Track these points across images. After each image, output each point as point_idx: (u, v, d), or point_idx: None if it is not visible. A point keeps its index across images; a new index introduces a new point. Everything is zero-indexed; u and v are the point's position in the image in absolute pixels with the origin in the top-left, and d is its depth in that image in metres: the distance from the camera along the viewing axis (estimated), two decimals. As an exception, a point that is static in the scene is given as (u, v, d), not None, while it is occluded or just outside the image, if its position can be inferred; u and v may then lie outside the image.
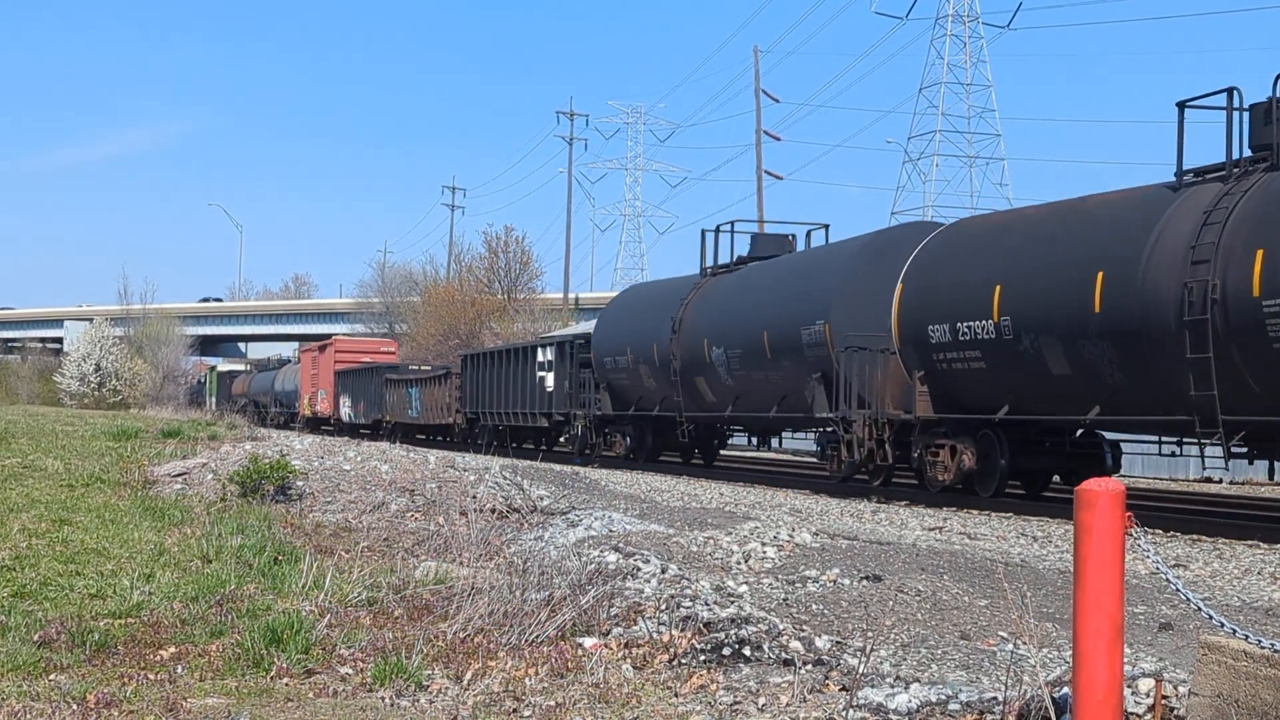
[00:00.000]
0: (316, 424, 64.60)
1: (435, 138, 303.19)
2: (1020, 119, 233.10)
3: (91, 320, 79.51)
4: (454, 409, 44.77)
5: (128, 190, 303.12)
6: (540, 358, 37.21)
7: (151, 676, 6.80)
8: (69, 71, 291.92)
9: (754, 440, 34.29)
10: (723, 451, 34.74)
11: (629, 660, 7.21)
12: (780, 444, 38.91)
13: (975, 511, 18.39)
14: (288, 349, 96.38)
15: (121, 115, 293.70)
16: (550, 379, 36.14)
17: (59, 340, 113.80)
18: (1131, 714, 5.58)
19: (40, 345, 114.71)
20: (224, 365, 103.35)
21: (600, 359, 32.83)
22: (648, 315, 30.86)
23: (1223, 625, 5.27)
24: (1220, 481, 27.29)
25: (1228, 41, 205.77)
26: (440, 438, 48.70)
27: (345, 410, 59.47)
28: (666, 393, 29.52)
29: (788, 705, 6.23)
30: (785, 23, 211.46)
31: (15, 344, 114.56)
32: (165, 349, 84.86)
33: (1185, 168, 16.43)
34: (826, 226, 28.85)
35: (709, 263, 30.09)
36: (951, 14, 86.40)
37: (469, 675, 6.83)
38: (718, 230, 30.53)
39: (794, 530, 12.49)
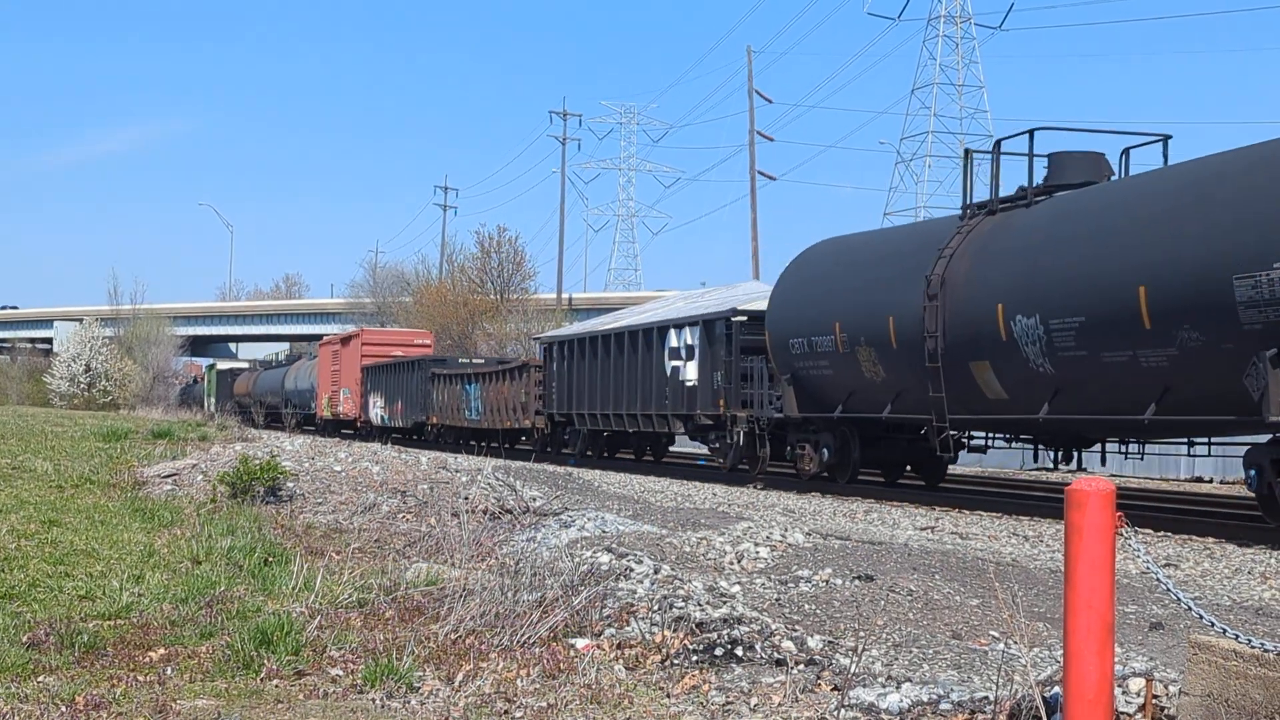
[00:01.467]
0: (336, 427, 58.73)
1: (427, 137, 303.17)
2: (1012, 120, 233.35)
3: (81, 321, 79.38)
4: (532, 409, 36.36)
5: (118, 190, 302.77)
6: (674, 341, 28.42)
7: (141, 678, 6.78)
8: (58, 72, 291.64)
9: (1054, 456, 20.86)
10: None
11: (621, 661, 7.20)
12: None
13: (967, 511, 18.41)
14: (279, 349, 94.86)
15: (111, 115, 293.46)
16: (691, 369, 27.49)
17: (49, 341, 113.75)
18: (1122, 713, 5.58)
19: (30, 346, 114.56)
20: (224, 363, 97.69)
21: (782, 341, 23.52)
22: (872, 276, 21.72)
23: (1213, 625, 5.27)
24: (1211, 481, 27.32)
25: (1220, 42, 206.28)
26: (508, 445, 40.09)
27: (376, 411, 51.81)
28: (908, 386, 20.28)
29: (780, 705, 6.23)
30: (778, 23, 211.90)
31: (5, 344, 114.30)
32: (155, 349, 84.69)
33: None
34: (1166, 138, 19.11)
35: (975, 198, 20.73)
36: (944, 15, 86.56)
37: (460, 676, 6.82)
38: (997, 148, 19.97)
39: (786, 530, 12.48)
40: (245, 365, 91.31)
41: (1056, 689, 5.62)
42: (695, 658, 7.09)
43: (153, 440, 25.75)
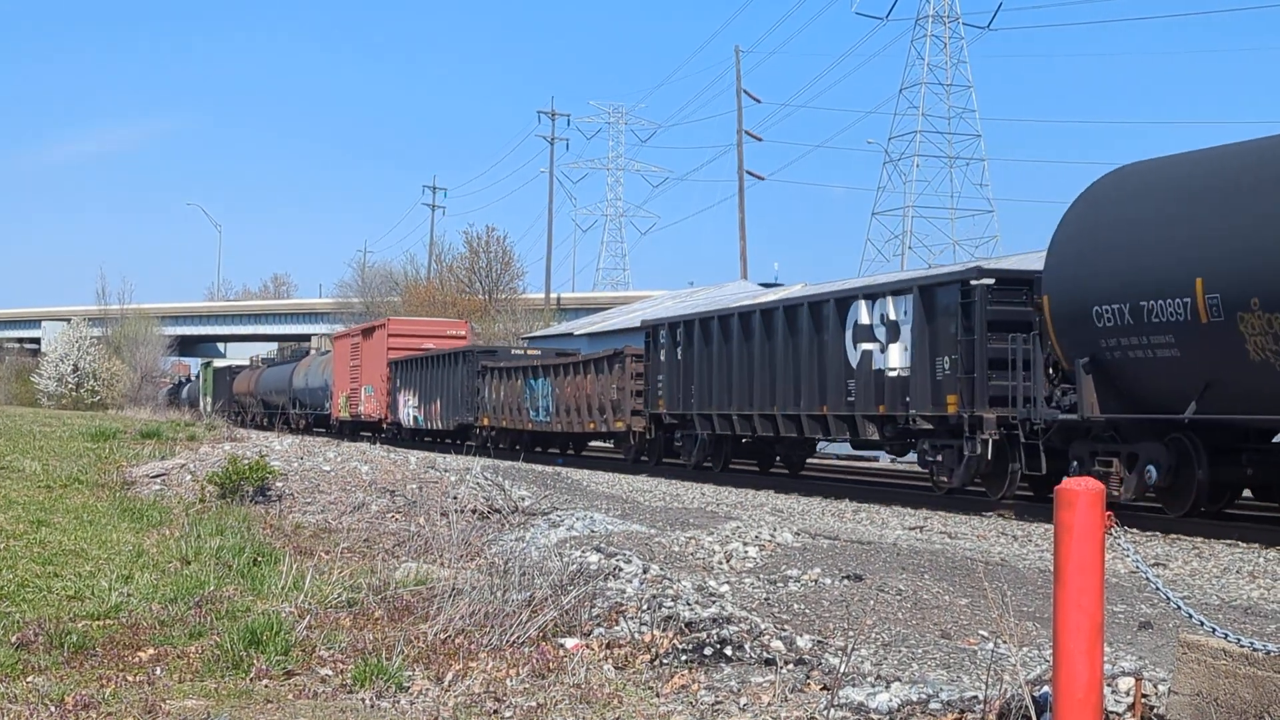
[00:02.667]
0: (355, 429, 52.72)
1: (416, 137, 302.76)
2: (1000, 119, 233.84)
3: (69, 320, 79.18)
4: (627, 409, 29.41)
5: (106, 190, 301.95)
6: (865, 317, 20.98)
7: (130, 678, 6.77)
8: (46, 71, 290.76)
9: None
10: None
11: (611, 660, 7.20)
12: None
13: (956, 511, 18.43)
14: (267, 349, 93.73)
15: (99, 115, 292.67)
16: (895, 354, 20.35)
17: (36, 340, 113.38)
18: (1112, 712, 5.59)
19: (17, 346, 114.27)
20: (222, 360, 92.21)
21: (1078, 310, 16.36)
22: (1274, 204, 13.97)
23: (1202, 624, 5.28)
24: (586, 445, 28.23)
25: (1211, 42, 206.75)
26: (578, 452, 36.16)
27: (407, 411, 45.03)
28: None
29: (769, 705, 6.24)
30: (766, 23, 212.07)
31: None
32: (143, 349, 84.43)
33: None
34: None
35: None
36: (932, 15, 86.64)
37: (450, 676, 6.82)
38: None
39: (775, 530, 12.50)
40: (245, 362, 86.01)
41: (1046, 688, 5.63)
42: (684, 657, 7.10)
43: (141, 440, 25.71)
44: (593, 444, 37.05)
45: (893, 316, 20.31)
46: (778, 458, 27.26)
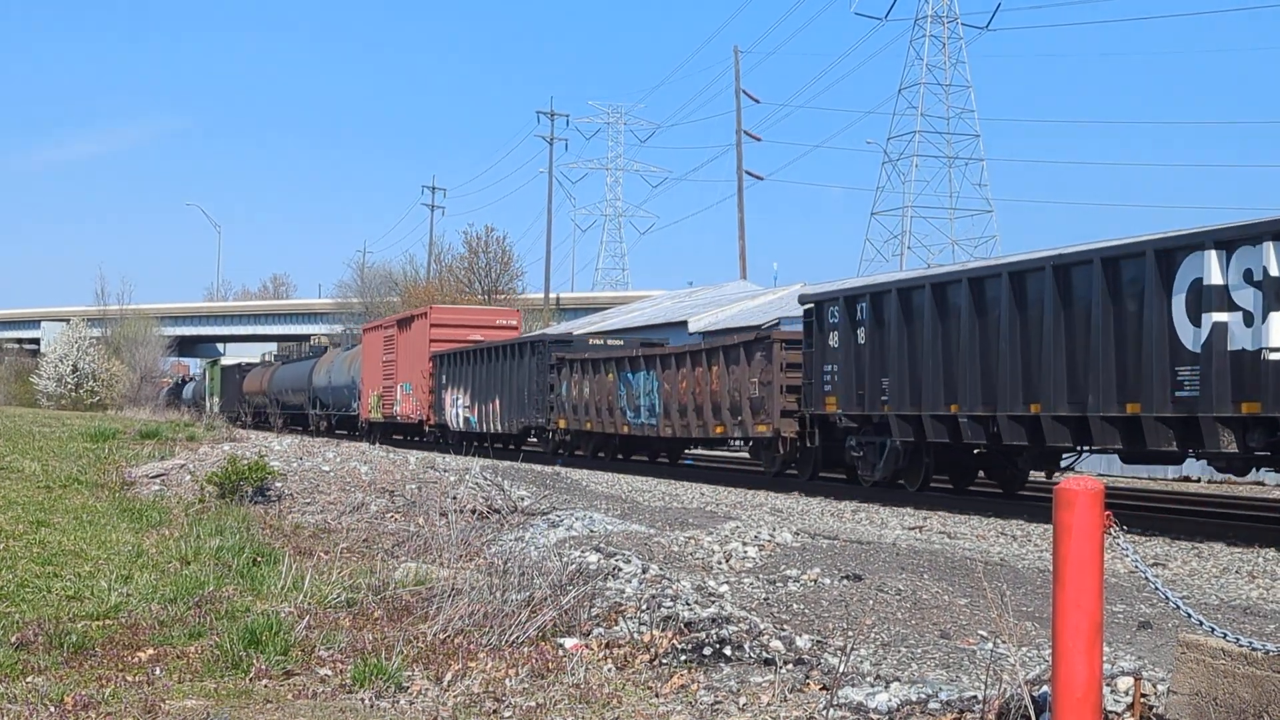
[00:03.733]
0: (389, 431, 47.03)
1: (415, 138, 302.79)
2: (999, 120, 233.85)
3: (68, 321, 79.12)
4: (775, 409, 23.15)
5: (105, 190, 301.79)
6: (1214, 273, 14.48)
7: (130, 678, 6.77)
8: (45, 72, 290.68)
9: None
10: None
11: (610, 660, 7.20)
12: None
13: (955, 511, 18.43)
14: (267, 349, 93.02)
15: (98, 115, 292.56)
16: (1277, 324, 13.90)
17: (36, 341, 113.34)
18: (1111, 712, 5.59)
19: (17, 346, 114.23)
20: (229, 358, 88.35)
21: None
22: None
23: (1201, 624, 5.28)
24: (1199, 481, 27.35)
25: (1207, 42, 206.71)
26: (674, 459, 31.34)
27: (455, 411, 38.95)
28: None
29: (768, 705, 6.24)
30: (765, 23, 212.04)
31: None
32: (143, 349, 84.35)
33: None
34: None
35: None
36: (930, 15, 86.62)
37: (449, 676, 6.82)
38: None
39: (775, 530, 12.50)
40: (255, 360, 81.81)
41: (1045, 688, 5.63)
42: (684, 657, 7.10)
43: (140, 440, 25.71)
44: (692, 450, 33.11)
45: (1275, 272, 13.89)
46: (982, 471, 21.34)
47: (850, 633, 7.90)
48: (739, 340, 24.69)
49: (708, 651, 7.13)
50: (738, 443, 27.06)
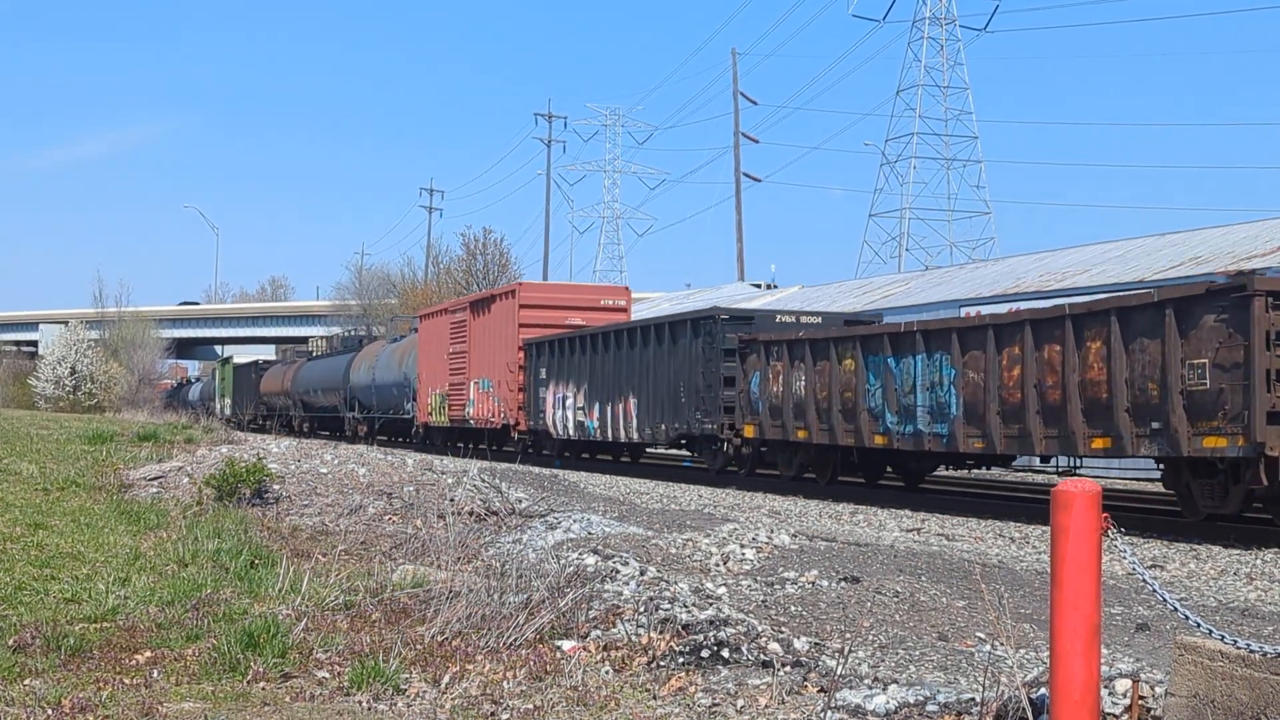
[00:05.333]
0: (460, 439, 37.93)
1: (413, 140, 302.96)
2: (997, 121, 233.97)
3: (67, 323, 79.05)
4: (1253, 411, 14.04)
5: (103, 192, 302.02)
6: None
7: (127, 681, 6.77)
8: (43, 74, 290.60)
9: None
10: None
11: (608, 663, 7.20)
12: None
13: (953, 514, 18.43)
14: (265, 351, 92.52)
15: (97, 117, 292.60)
16: None
17: (34, 343, 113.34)
18: (1108, 714, 5.59)
19: (15, 348, 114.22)
20: (243, 356, 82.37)
21: None
22: None
23: (1199, 626, 5.28)
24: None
25: (1204, 44, 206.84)
26: (914, 480, 22.86)
27: (563, 414, 31.27)
28: None
29: (766, 707, 6.23)
30: (763, 25, 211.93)
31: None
32: (141, 352, 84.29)
33: None
34: None
35: None
36: (929, 16, 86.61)
37: (447, 678, 6.82)
38: None
39: (772, 532, 12.49)
40: (273, 357, 77.27)
41: (1043, 690, 5.63)
42: (682, 659, 7.09)
43: (138, 443, 25.67)
44: (932, 468, 23.15)
45: None
46: None
47: (848, 635, 7.90)
48: (1160, 298, 15.39)
49: (705, 654, 7.12)
50: (1153, 461, 16.22)
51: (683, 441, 26.73)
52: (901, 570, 10.56)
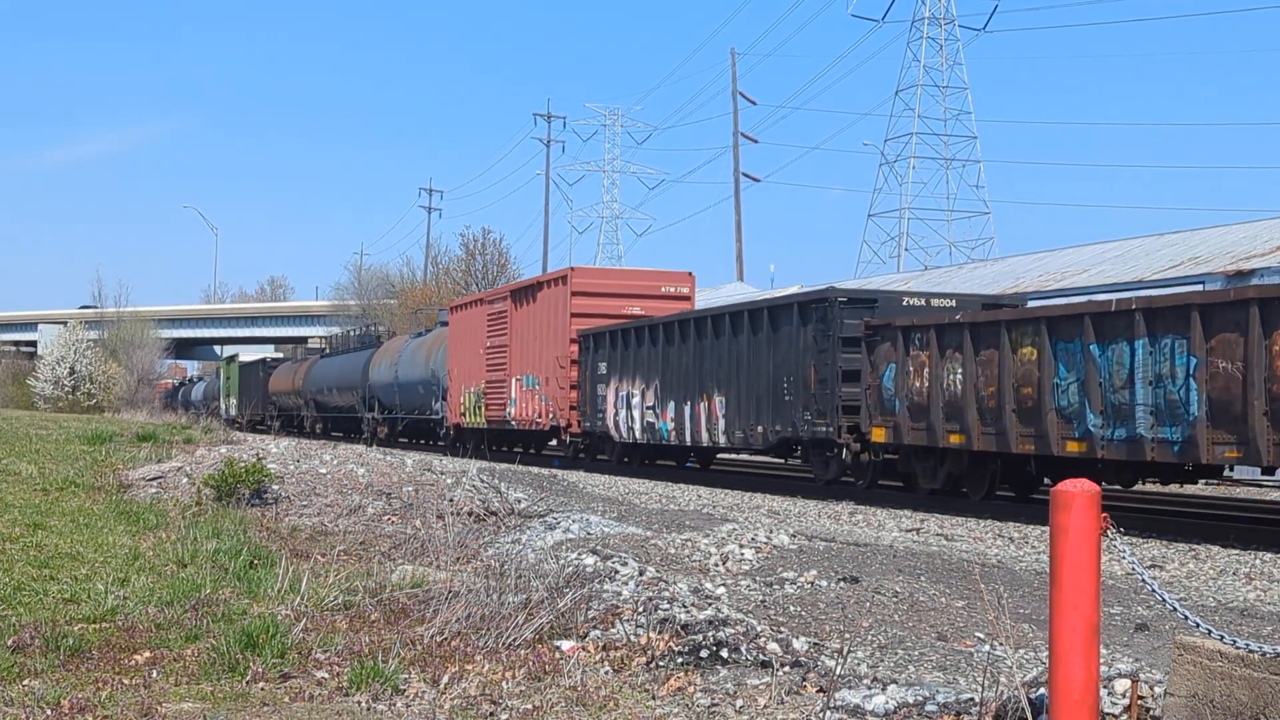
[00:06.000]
0: (499, 442, 37.28)
1: (412, 140, 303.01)
2: (996, 121, 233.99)
3: (65, 323, 79.04)
4: None
5: (102, 193, 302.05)
6: None
7: (126, 681, 6.77)
8: (43, 74, 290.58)
9: None
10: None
11: (607, 663, 7.20)
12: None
13: (953, 514, 18.42)
14: (264, 352, 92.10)
15: (96, 118, 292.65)
16: None
17: (33, 343, 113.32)
18: (1108, 714, 5.59)
19: (14, 348, 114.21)
20: (249, 354, 78.53)
21: None
22: None
23: (1198, 626, 5.28)
24: (1196, 483, 27.19)
25: (1204, 44, 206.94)
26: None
27: (628, 415, 27.97)
28: None
29: (765, 707, 6.23)
30: (762, 25, 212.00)
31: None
32: (140, 352, 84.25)
33: None
34: None
35: None
36: (928, 16, 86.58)
37: (446, 679, 6.82)
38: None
39: (772, 532, 12.49)
40: (280, 355, 73.85)
41: (1042, 690, 5.63)
42: (681, 659, 7.09)
43: (137, 443, 25.67)
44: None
45: None
46: None
47: (847, 635, 7.90)
48: None
49: (705, 654, 7.12)
50: None
51: (795, 449, 23.14)
52: (901, 570, 10.56)
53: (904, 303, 21.13)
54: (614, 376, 28.58)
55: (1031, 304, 21.71)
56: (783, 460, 27.01)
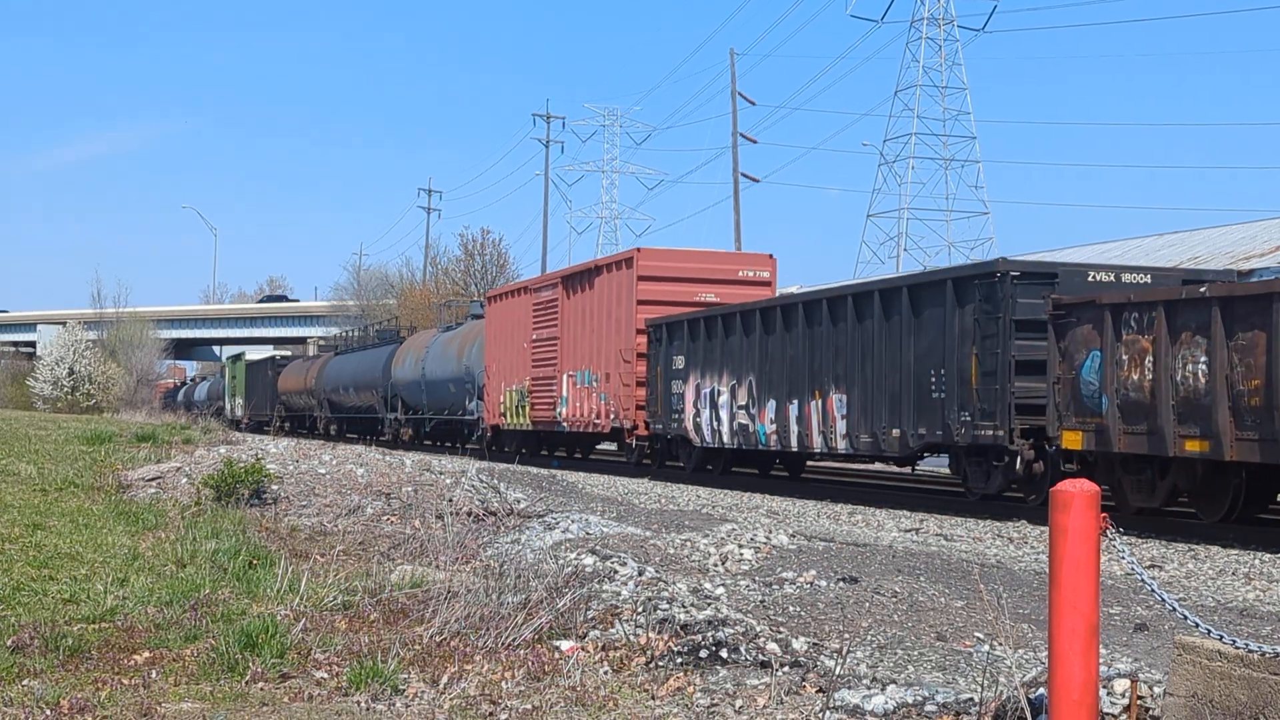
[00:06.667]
0: (538, 444, 34.63)
1: (411, 140, 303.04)
2: (995, 121, 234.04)
3: (65, 324, 79.00)
4: None
5: (102, 193, 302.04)
6: None
7: (126, 682, 6.76)
8: (41, 75, 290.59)
9: None
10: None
11: (606, 663, 7.20)
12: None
13: (952, 514, 18.42)
14: (264, 352, 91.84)
15: (96, 119, 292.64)
16: None
17: (32, 344, 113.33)
18: (1107, 714, 5.59)
19: (13, 349, 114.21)
20: (255, 352, 75.21)
21: None
22: None
23: (1197, 625, 5.28)
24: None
25: (1202, 44, 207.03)
26: None
27: (713, 414, 24.42)
28: None
29: (765, 707, 6.23)
30: (761, 25, 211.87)
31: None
32: (139, 352, 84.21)
33: None
34: None
35: None
36: (927, 17, 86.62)
37: (445, 679, 6.82)
38: None
39: (771, 532, 12.49)
40: (295, 354, 70.41)
41: (1041, 690, 5.63)
42: (680, 659, 7.09)
43: (137, 443, 25.67)
44: None
45: None
46: None
47: (847, 635, 7.90)
48: None
49: (704, 654, 7.12)
50: None
51: (932, 449, 19.73)
52: (900, 570, 10.56)
53: (1090, 278, 17.31)
54: (694, 371, 25.10)
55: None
56: (908, 470, 23.46)
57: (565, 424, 30.63)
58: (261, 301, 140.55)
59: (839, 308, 20.80)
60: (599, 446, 34.86)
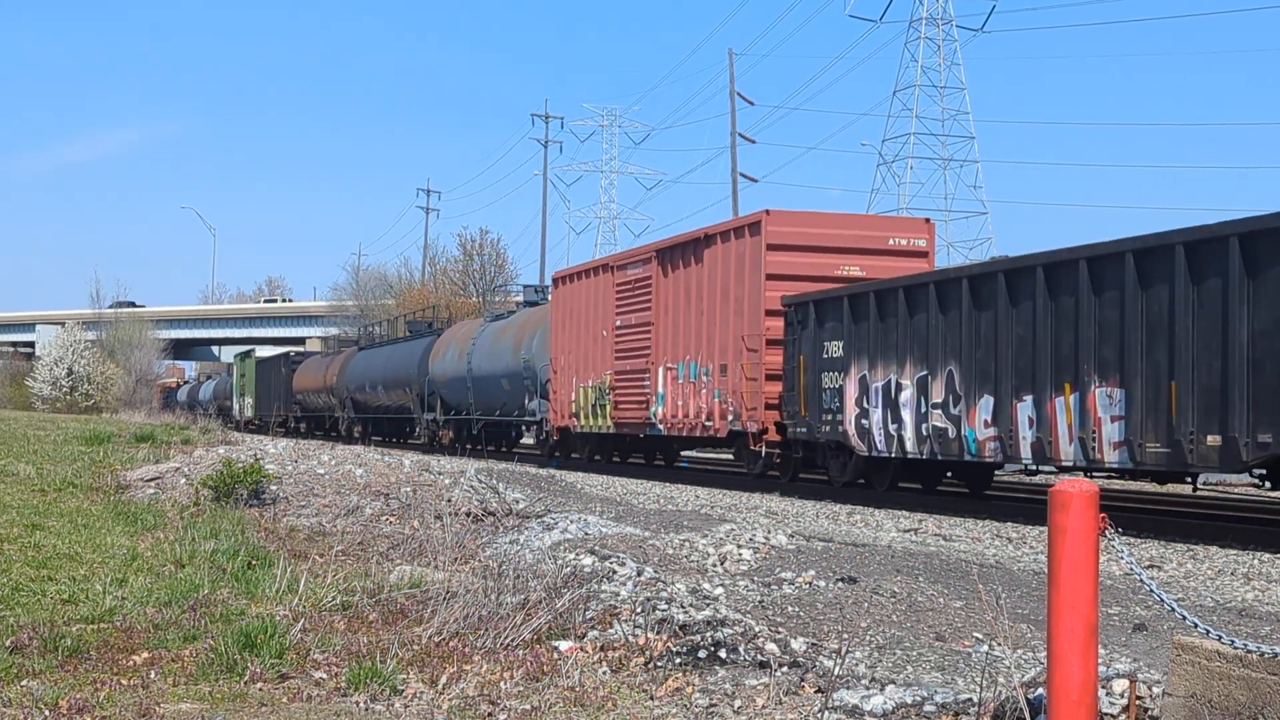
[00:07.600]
0: (611, 449, 30.45)
1: (410, 140, 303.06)
2: (994, 121, 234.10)
3: (64, 324, 79.02)
4: None
5: (101, 194, 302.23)
6: None
7: (124, 682, 6.76)
8: (38, 76, 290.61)
9: None
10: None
11: (605, 663, 7.20)
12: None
13: (950, 514, 18.43)
14: (263, 352, 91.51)
15: (94, 119, 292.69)
16: None
17: (31, 344, 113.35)
18: (1106, 714, 5.59)
19: (11, 349, 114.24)
20: (266, 350, 70.81)
21: None
22: None
23: (1196, 626, 5.28)
24: (1194, 483, 26.99)
25: (1202, 44, 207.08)
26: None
27: (898, 415, 19.22)
28: None
29: (764, 707, 6.23)
30: (760, 25, 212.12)
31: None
32: (138, 352, 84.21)
33: None
34: None
35: None
36: (925, 17, 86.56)
37: (444, 679, 6.81)
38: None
39: (769, 532, 12.49)
40: (305, 349, 67.18)
41: (1040, 690, 5.63)
42: (679, 660, 7.09)
43: (135, 444, 25.69)
44: None
45: None
46: None
47: (845, 635, 7.90)
48: None
49: (703, 654, 7.12)
50: None
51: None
52: (899, 570, 10.56)
53: None
54: (858, 361, 20.24)
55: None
56: (1159, 485, 19.22)
57: (661, 426, 25.99)
58: (262, 303, 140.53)
59: (1107, 270, 15.55)
60: (684, 453, 30.79)
